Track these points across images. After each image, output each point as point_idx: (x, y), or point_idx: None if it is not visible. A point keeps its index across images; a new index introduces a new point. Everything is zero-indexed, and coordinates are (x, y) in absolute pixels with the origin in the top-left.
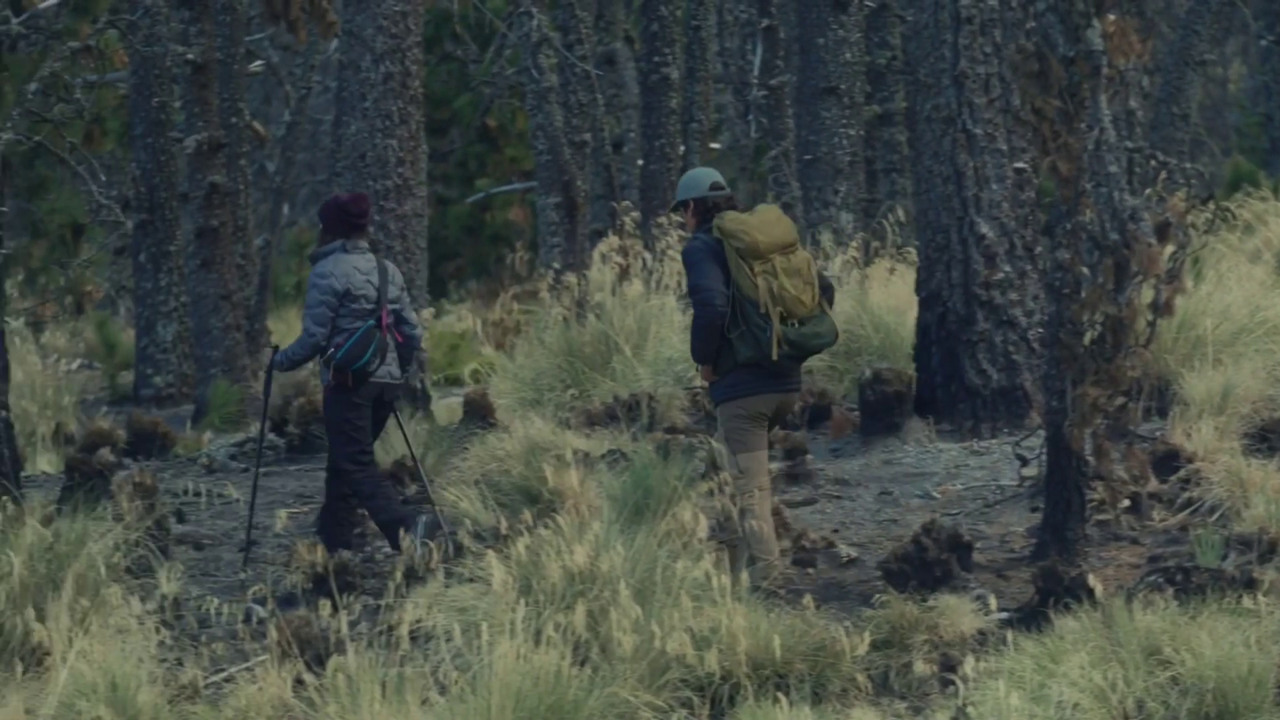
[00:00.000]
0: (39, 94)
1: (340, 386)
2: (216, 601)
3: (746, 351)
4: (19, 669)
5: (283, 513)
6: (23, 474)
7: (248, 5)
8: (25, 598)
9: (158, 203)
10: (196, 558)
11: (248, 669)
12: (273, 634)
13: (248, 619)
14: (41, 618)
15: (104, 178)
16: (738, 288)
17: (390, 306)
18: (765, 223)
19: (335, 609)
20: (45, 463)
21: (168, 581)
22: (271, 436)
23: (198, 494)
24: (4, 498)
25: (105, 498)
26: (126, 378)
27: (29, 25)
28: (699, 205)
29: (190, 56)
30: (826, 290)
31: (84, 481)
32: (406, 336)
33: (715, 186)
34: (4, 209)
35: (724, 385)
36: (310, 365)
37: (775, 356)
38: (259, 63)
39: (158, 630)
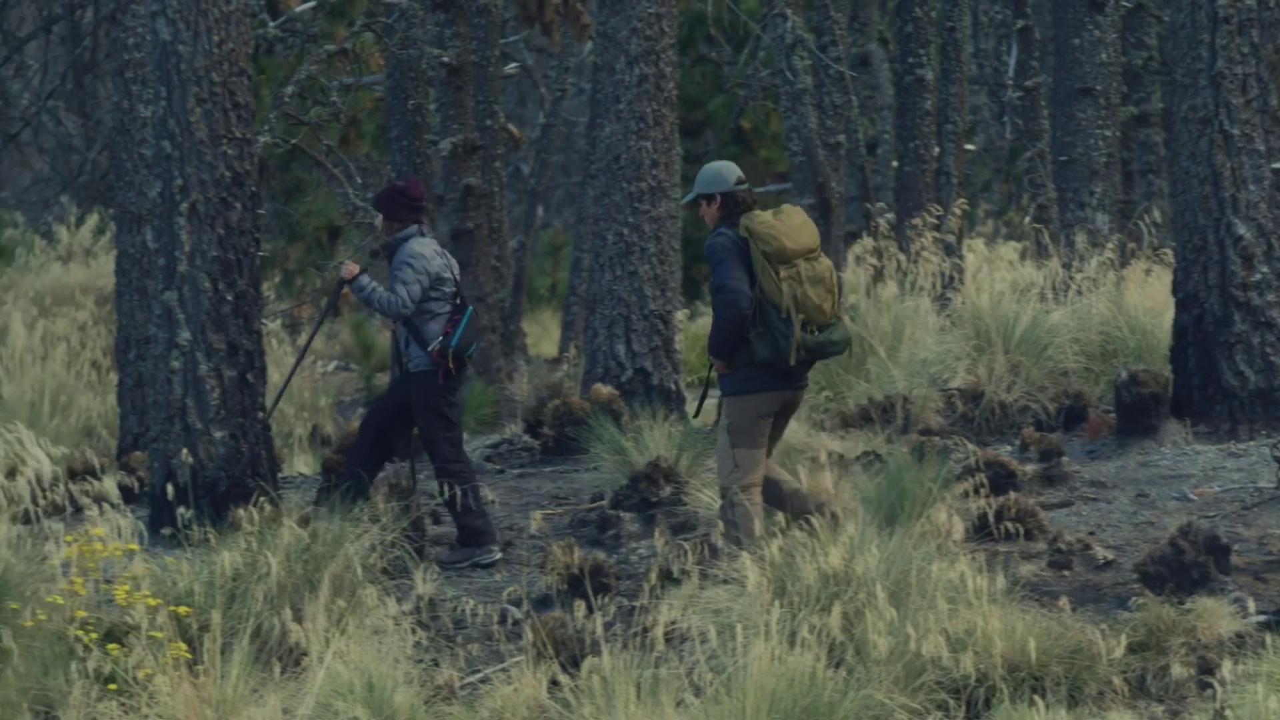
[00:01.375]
0: (295, 97)
1: (444, 372)
2: (472, 602)
3: (764, 351)
4: (277, 669)
5: (537, 514)
6: (280, 475)
7: (503, 7)
8: (283, 598)
9: None
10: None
11: (503, 670)
12: (528, 635)
13: (503, 620)
14: (299, 618)
15: (360, 180)
16: (761, 289)
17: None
18: (792, 227)
19: (590, 610)
20: (302, 464)
21: (423, 582)
22: (526, 438)
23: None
24: (262, 499)
25: (362, 499)
26: (382, 379)
27: (286, 29)
28: (726, 200)
29: (446, 59)
30: (838, 292)
31: (340, 483)
32: None
33: (740, 181)
34: (261, 211)
35: (737, 380)
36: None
37: (794, 361)
38: (514, 65)
39: (414, 631)
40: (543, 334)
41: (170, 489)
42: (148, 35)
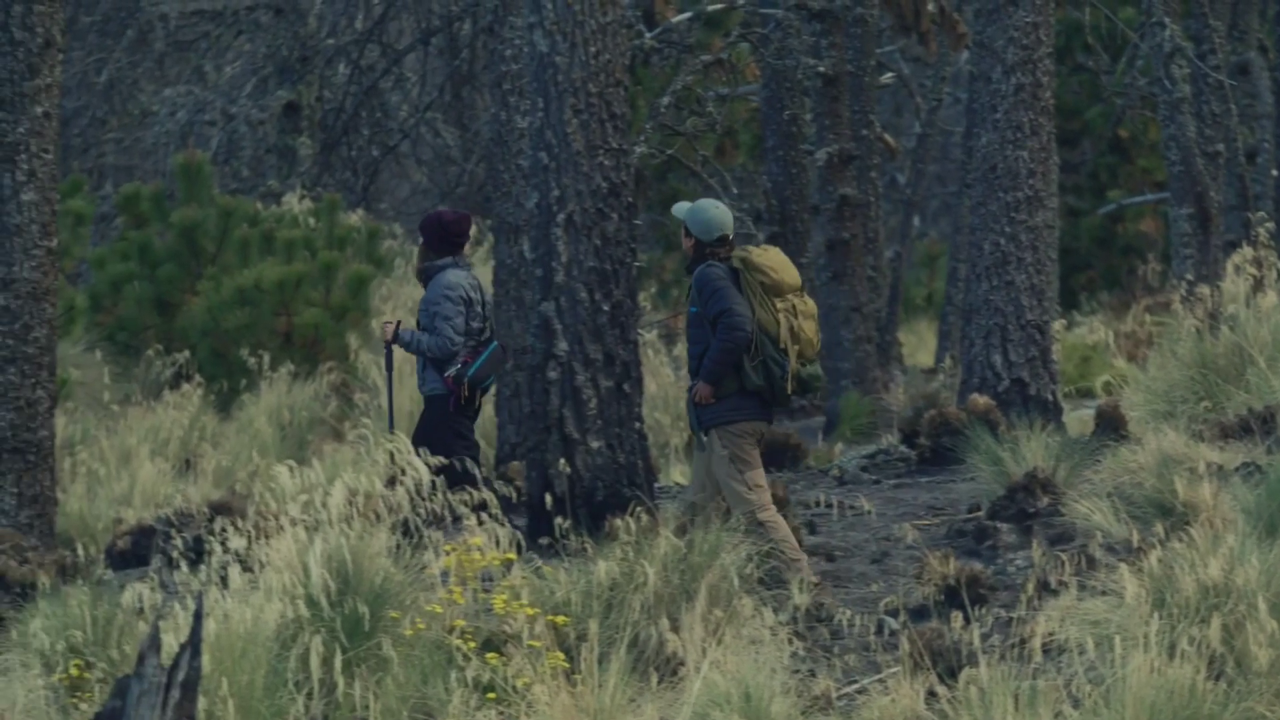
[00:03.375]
0: (671, 107)
1: (455, 399)
2: (849, 613)
3: (756, 380)
4: (654, 678)
5: (910, 525)
6: (656, 485)
7: (879, 17)
8: (659, 608)
9: (789, 215)
10: (828, 569)
11: (879, 680)
12: (904, 645)
13: (879, 630)
14: (676, 628)
15: (735, 190)
16: (758, 320)
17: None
18: (781, 263)
19: (967, 621)
20: (678, 474)
21: (800, 593)
22: (902, 448)
23: (829, 505)
24: (638, 509)
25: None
26: None
27: (662, 39)
28: (700, 247)
29: (821, 69)
30: None
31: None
32: None
33: (721, 240)
34: (637, 222)
35: (725, 409)
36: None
37: (790, 390)
38: (890, 75)
39: (790, 641)
40: (918, 344)
41: (548, 498)
42: (525, 47)
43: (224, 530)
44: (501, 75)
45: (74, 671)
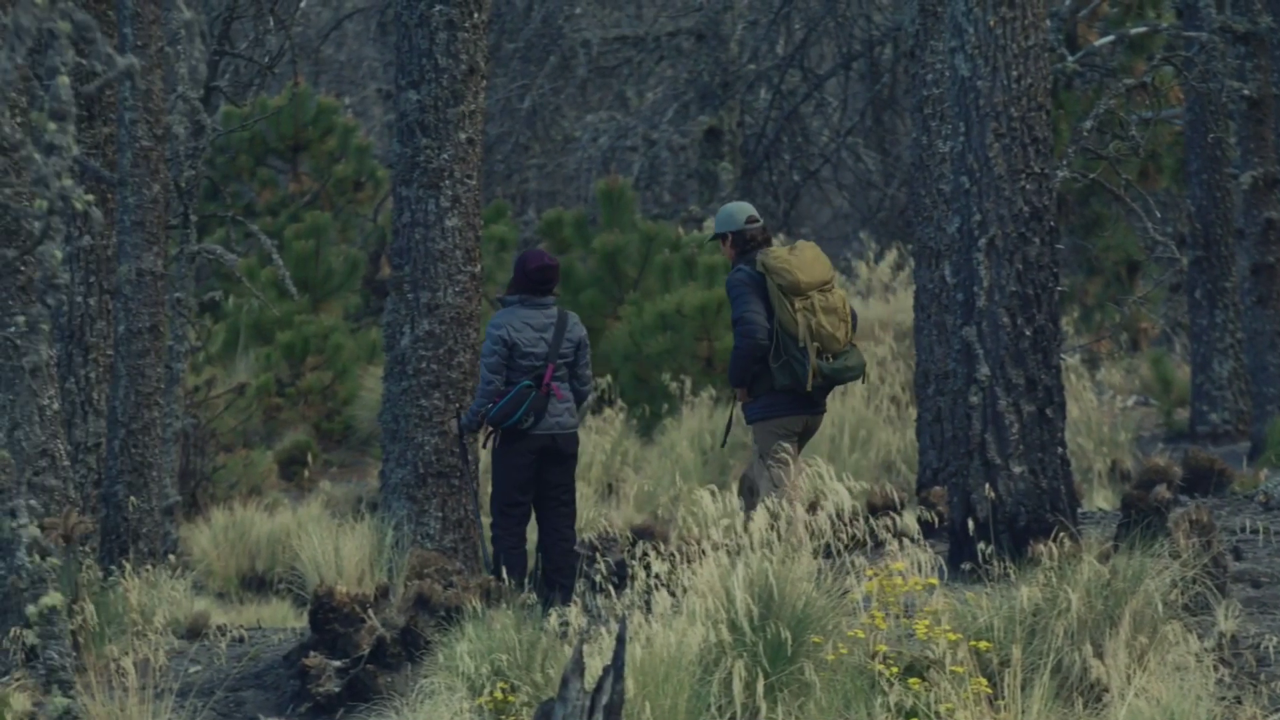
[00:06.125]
0: (1094, 131)
1: (494, 437)
2: (1276, 639)
3: (784, 379)
4: (1078, 704)
5: None
6: (1080, 510)
7: None
8: (1083, 634)
9: (1213, 239)
10: (1254, 595)
11: None
12: None
13: None
14: (1099, 654)
15: (1159, 214)
16: (779, 321)
17: (560, 361)
18: (805, 261)
19: None
20: (1101, 499)
21: (1225, 619)
22: None
23: (1254, 531)
24: (1061, 534)
25: (1161, 534)
26: (1182, 414)
27: (1084, 63)
28: (737, 238)
29: (1246, 91)
30: (853, 320)
31: (1140, 518)
32: (575, 390)
33: (750, 220)
34: (1059, 246)
35: (760, 407)
36: None
37: (810, 387)
38: None
39: (1215, 668)
40: None
41: (969, 524)
42: (946, 71)
43: (646, 554)
44: (923, 100)
45: (499, 695)
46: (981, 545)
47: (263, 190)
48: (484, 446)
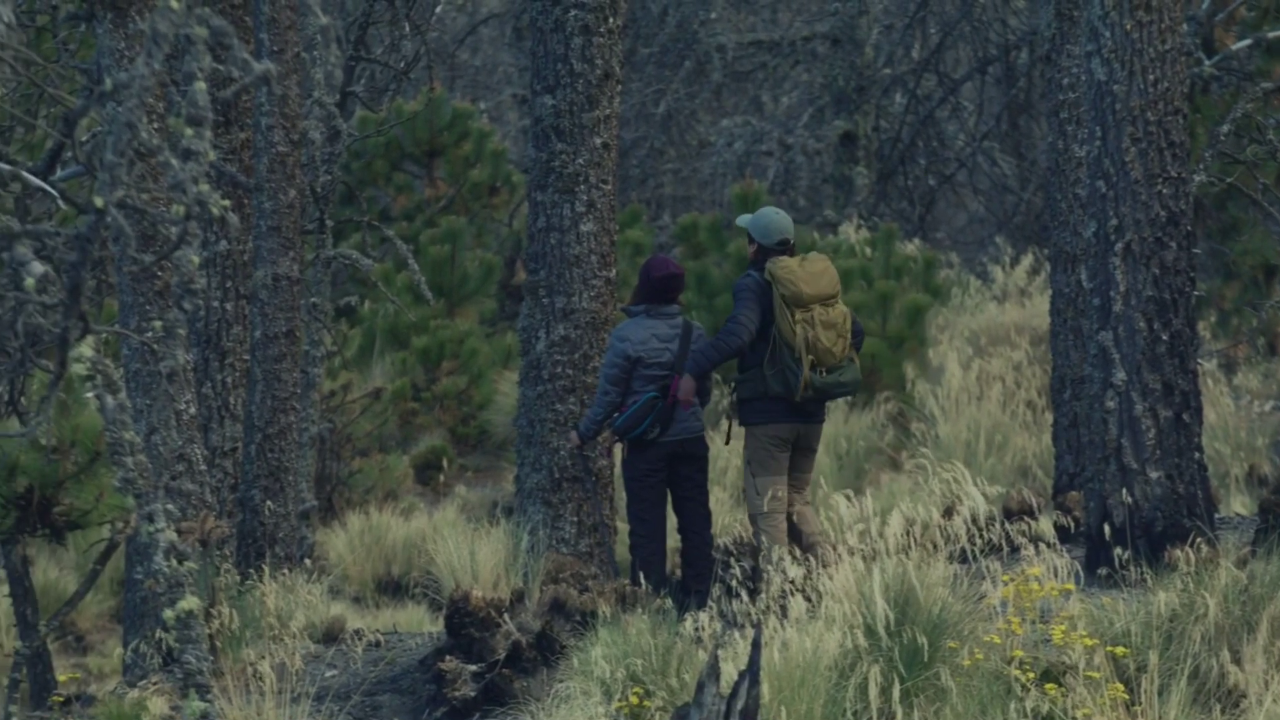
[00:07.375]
0: (1231, 135)
1: (627, 447)
2: None
3: (777, 386)
4: (1216, 710)
5: None
6: (1216, 515)
7: None
8: (1220, 640)
9: None
10: None
11: None
12: None
13: None
14: (1237, 660)
15: None
16: (778, 329)
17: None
18: (812, 274)
19: None
20: (1238, 504)
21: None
22: None
23: None
24: (1198, 539)
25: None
26: None
27: (1221, 67)
28: (762, 250)
29: None
30: (858, 336)
31: (1278, 523)
32: (702, 389)
33: (781, 243)
34: (1196, 250)
35: (752, 411)
36: None
37: (799, 398)
38: None
39: None
40: None
41: (1106, 529)
42: (1082, 75)
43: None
44: (1059, 103)
45: (634, 700)
46: (1118, 550)
47: (398, 195)
48: (607, 454)
